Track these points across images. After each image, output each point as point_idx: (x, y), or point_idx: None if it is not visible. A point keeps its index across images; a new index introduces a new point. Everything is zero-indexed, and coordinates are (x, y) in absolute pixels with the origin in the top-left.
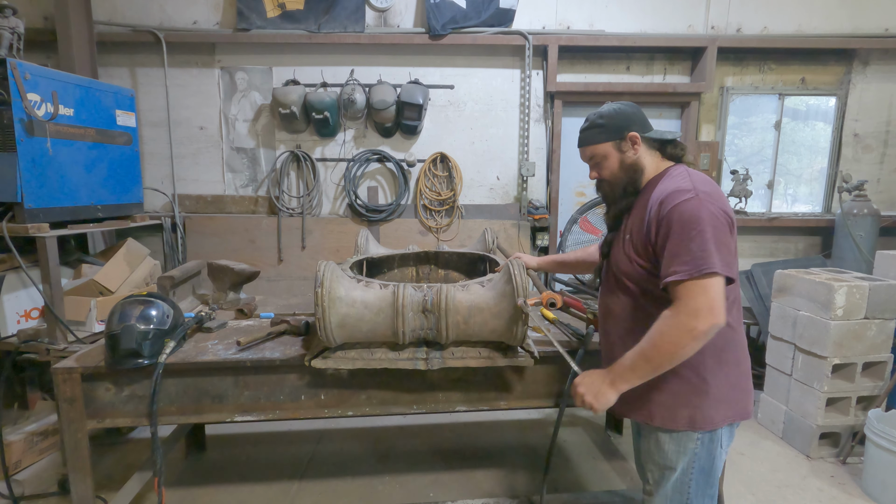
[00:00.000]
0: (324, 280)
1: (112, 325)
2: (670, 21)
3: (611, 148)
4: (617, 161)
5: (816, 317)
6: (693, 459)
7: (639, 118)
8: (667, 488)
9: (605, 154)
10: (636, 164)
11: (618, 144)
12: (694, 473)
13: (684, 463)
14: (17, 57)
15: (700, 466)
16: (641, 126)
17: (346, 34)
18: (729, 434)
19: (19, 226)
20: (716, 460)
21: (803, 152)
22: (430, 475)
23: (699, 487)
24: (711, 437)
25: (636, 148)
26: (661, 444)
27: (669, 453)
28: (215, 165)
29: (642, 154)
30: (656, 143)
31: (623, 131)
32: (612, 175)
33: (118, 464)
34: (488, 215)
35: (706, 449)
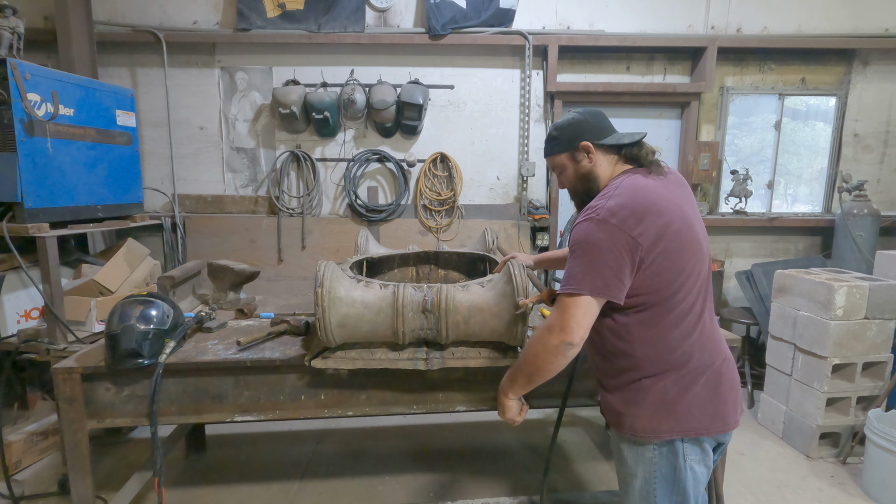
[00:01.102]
0: (324, 280)
1: (112, 325)
2: (670, 21)
3: (566, 159)
4: (573, 171)
5: (816, 317)
6: (653, 468)
7: (593, 126)
8: (633, 495)
9: (562, 165)
10: (590, 174)
11: (572, 154)
12: (657, 482)
13: (644, 471)
14: (18, 57)
15: (662, 475)
16: (595, 134)
17: (346, 34)
18: (696, 451)
19: (19, 226)
20: (679, 472)
21: (803, 152)
22: (430, 475)
23: (665, 496)
24: (670, 448)
25: (591, 157)
26: (622, 451)
27: (628, 460)
28: (215, 165)
29: (598, 162)
30: (613, 148)
31: (575, 141)
32: (571, 184)
33: (118, 464)
34: (488, 215)
35: (665, 459)
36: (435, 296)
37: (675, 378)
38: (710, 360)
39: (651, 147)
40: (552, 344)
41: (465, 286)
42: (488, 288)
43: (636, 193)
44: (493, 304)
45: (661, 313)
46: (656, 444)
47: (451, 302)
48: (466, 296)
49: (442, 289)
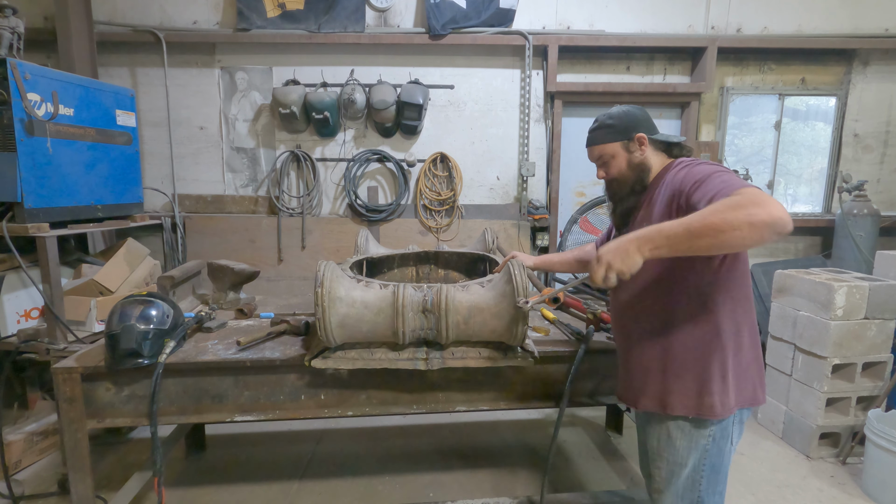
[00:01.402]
0: (324, 280)
1: (112, 325)
2: (670, 21)
3: (619, 148)
4: (625, 160)
5: (816, 317)
6: (704, 456)
7: (646, 120)
8: (677, 485)
9: (613, 153)
10: (643, 164)
11: (626, 145)
12: (705, 470)
13: (695, 459)
14: (18, 57)
15: (711, 463)
16: (648, 128)
17: (346, 34)
18: (739, 430)
19: (19, 226)
20: (725, 457)
21: (803, 152)
22: (430, 475)
23: (710, 485)
24: (722, 432)
25: (643, 148)
26: (673, 439)
27: (681, 449)
28: (215, 165)
29: (649, 154)
30: (662, 144)
31: (631, 132)
32: (621, 173)
33: (118, 464)
34: (488, 215)
35: (717, 445)
36: (435, 296)
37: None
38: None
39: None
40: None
41: (465, 286)
42: (488, 288)
43: None
44: (493, 304)
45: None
46: (713, 427)
47: (451, 302)
48: (466, 296)
49: (442, 289)
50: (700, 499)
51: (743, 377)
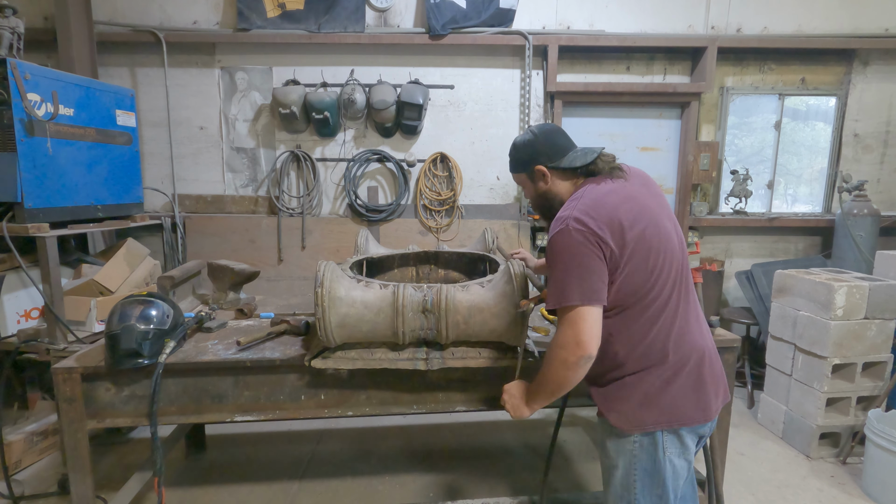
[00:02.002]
0: (324, 280)
1: (112, 325)
2: (670, 21)
3: (525, 178)
4: (532, 190)
5: (816, 317)
6: (633, 461)
7: (547, 147)
8: (615, 486)
9: (522, 182)
10: (548, 193)
11: (530, 175)
12: (637, 474)
13: (625, 462)
14: (17, 57)
15: (643, 468)
16: (549, 156)
17: (346, 34)
18: (675, 443)
19: (19, 226)
20: (659, 465)
21: (803, 152)
22: (430, 475)
23: (645, 487)
24: (651, 440)
25: (546, 179)
26: (605, 442)
27: (611, 451)
28: (215, 165)
29: (553, 182)
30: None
31: (529, 165)
32: (532, 200)
33: (118, 464)
34: (488, 215)
35: (646, 452)
36: (435, 296)
37: (657, 373)
38: (690, 352)
39: (610, 156)
40: (571, 361)
41: (465, 286)
42: (488, 288)
43: (598, 201)
44: (493, 304)
45: (638, 312)
46: (637, 436)
47: (451, 302)
48: (466, 296)
49: (442, 289)
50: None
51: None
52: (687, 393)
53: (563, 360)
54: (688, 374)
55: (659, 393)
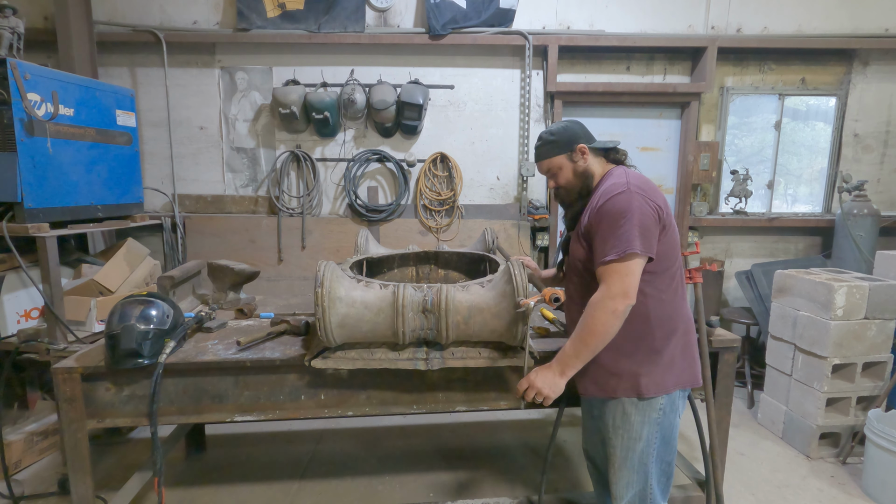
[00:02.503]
0: (324, 280)
1: (112, 325)
2: (670, 21)
3: (564, 159)
4: (571, 170)
5: (816, 317)
6: (656, 428)
7: (584, 132)
8: (633, 459)
9: (560, 165)
10: (587, 171)
11: (570, 156)
12: (657, 442)
13: (648, 432)
14: (17, 57)
15: (662, 435)
16: (587, 139)
17: (346, 34)
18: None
19: (19, 226)
20: (673, 429)
21: (803, 152)
22: (430, 475)
23: (659, 455)
24: (672, 405)
25: (585, 157)
26: (628, 415)
27: (636, 424)
28: (215, 165)
29: (590, 162)
30: (601, 151)
31: (572, 144)
32: (568, 182)
33: (118, 464)
34: (488, 215)
35: (667, 417)
36: (435, 296)
37: (676, 337)
38: (689, 322)
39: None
40: (620, 311)
41: (465, 286)
42: (488, 288)
43: (642, 179)
44: (493, 304)
45: (667, 278)
46: (662, 400)
47: (451, 302)
48: (466, 296)
49: (442, 289)
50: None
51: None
52: (693, 357)
53: (614, 310)
54: (689, 341)
55: (678, 357)
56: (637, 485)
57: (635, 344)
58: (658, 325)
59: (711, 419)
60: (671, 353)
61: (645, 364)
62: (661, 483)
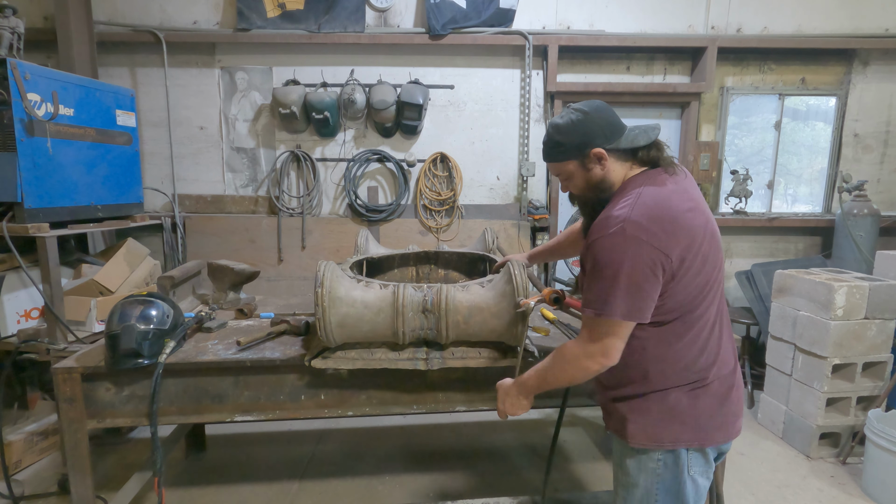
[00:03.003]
0: (324, 280)
1: (112, 325)
2: (670, 21)
3: (574, 166)
4: (582, 179)
5: (816, 317)
6: (655, 480)
7: (603, 128)
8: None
9: (570, 172)
10: (603, 181)
11: (582, 162)
12: (659, 494)
13: (646, 481)
14: (17, 57)
15: (665, 488)
16: (607, 136)
17: (346, 34)
18: (700, 462)
19: (19, 226)
20: (682, 484)
21: (803, 152)
22: (430, 475)
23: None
24: (675, 459)
25: (603, 163)
26: (623, 458)
27: (630, 468)
28: (215, 165)
29: (610, 168)
30: (627, 152)
31: (585, 148)
32: (580, 191)
33: (118, 464)
34: (488, 215)
35: (669, 471)
36: (435, 296)
37: (686, 390)
38: (720, 370)
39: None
40: (592, 369)
41: (465, 286)
42: (488, 288)
43: (661, 204)
44: (493, 304)
45: (679, 330)
46: (661, 453)
47: (451, 302)
48: (466, 296)
49: (442, 289)
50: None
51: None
52: (712, 412)
53: (585, 368)
54: (714, 392)
55: (684, 411)
56: None
57: (623, 390)
58: (656, 379)
59: None
60: (670, 406)
61: (635, 412)
62: None
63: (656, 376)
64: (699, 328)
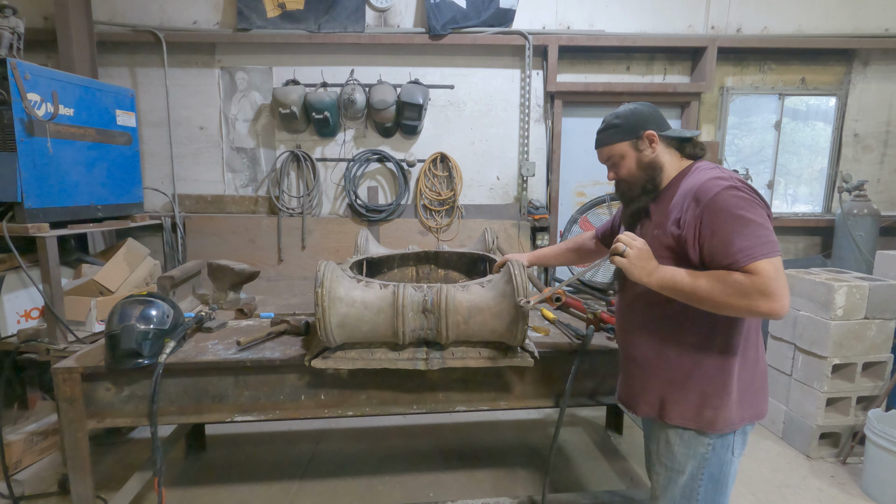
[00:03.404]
0: (324, 280)
1: (112, 325)
2: (670, 21)
3: (628, 147)
4: (634, 160)
5: (816, 317)
6: (703, 464)
7: (655, 117)
8: (674, 493)
9: (622, 154)
10: (654, 162)
11: (635, 143)
12: (703, 480)
13: (693, 467)
14: (18, 57)
15: (710, 473)
16: (658, 125)
17: (346, 34)
18: (742, 441)
19: (19, 226)
20: (726, 467)
21: (803, 152)
22: (430, 475)
23: (708, 495)
24: (723, 441)
25: (654, 146)
26: (671, 445)
27: (678, 455)
28: (215, 165)
29: (660, 152)
30: (675, 141)
31: (639, 130)
32: (630, 174)
33: (118, 464)
34: (488, 215)
35: (717, 455)
36: (435, 296)
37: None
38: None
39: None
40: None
41: (465, 286)
42: (488, 288)
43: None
44: (493, 304)
45: None
46: (712, 437)
47: (451, 302)
48: (466, 296)
49: (442, 289)
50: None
51: (748, 393)
52: (763, 387)
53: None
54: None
55: (749, 389)
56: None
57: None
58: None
59: None
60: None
61: (714, 397)
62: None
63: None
64: None
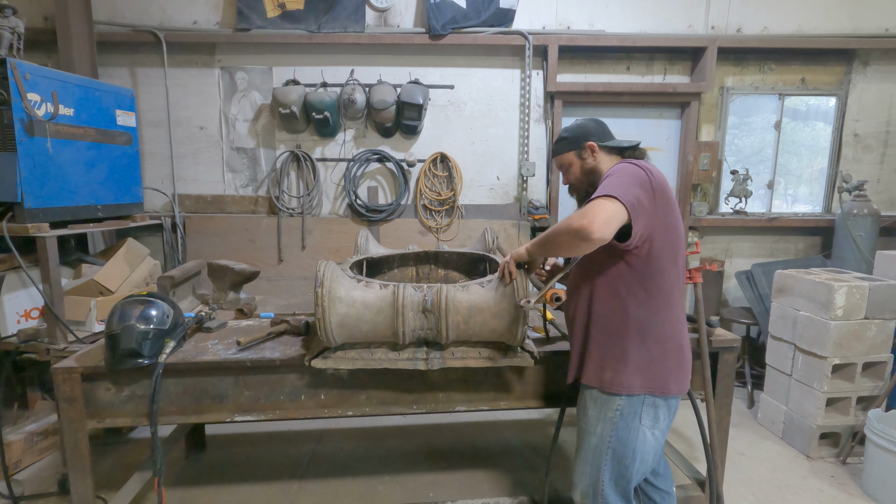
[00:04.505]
0: (324, 280)
1: (112, 325)
2: (670, 21)
3: (574, 157)
4: (579, 167)
5: (816, 317)
6: (611, 428)
7: (597, 130)
8: (587, 453)
9: (570, 162)
10: (595, 169)
11: (579, 153)
12: (612, 442)
13: (602, 429)
14: (18, 57)
15: (618, 436)
16: (599, 137)
17: (346, 34)
18: (653, 414)
19: (19, 226)
20: (633, 433)
21: (803, 152)
22: (430, 475)
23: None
24: (630, 408)
25: (595, 155)
26: (586, 409)
27: (591, 417)
28: (215, 165)
29: (601, 160)
30: (615, 150)
31: (582, 141)
32: (577, 179)
33: (118, 464)
34: (488, 215)
35: (625, 420)
36: (435, 296)
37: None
38: (682, 329)
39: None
40: (573, 227)
41: (465, 286)
42: (488, 288)
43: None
44: (493, 304)
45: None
46: (621, 400)
47: (451, 302)
48: (466, 296)
49: (442, 289)
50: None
51: (653, 365)
52: (672, 366)
53: (569, 223)
54: (678, 348)
55: (653, 361)
56: (589, 477)
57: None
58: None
59: (711, 419)
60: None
61: (612, 358)
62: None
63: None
64: (671, 284)
